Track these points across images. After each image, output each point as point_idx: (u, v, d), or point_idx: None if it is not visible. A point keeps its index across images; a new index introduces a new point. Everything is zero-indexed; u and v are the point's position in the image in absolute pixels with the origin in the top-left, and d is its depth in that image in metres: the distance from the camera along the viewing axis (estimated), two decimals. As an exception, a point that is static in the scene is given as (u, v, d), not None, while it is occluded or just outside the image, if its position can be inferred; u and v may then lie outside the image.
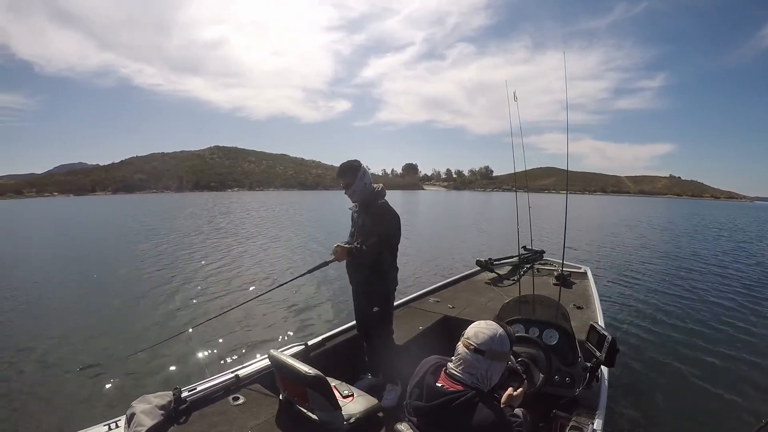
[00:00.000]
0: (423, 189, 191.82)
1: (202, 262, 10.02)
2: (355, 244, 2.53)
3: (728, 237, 17.86)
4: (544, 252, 5.67)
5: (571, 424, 1.97)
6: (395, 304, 3.01)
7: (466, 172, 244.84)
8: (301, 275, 2.82)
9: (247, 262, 10.20)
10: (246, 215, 27.22)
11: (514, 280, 4.69)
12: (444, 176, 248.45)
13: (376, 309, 2.60)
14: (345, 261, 2.62)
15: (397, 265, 2.67)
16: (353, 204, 2.67)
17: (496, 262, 5.28)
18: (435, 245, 13.33)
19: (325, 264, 2.57)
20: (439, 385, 1.43)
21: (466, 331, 1.50)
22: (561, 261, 4.08)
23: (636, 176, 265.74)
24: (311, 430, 1.87)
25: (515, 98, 3.01)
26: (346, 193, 2.57)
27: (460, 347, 1.47)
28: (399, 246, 2.63)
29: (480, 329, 1.47)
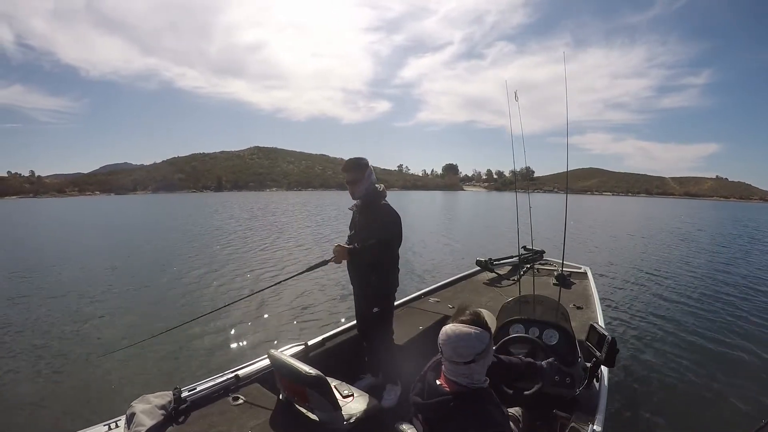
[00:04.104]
0: (463, 189, 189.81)
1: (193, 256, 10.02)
2: (355, 244, 2.52)
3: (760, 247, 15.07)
4: (544, 252, 5.67)
5: (571, 424, 1.97)
6: (395, 303, 3.01)
7: (506, 173, 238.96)
8: (299, 273, 2.80)
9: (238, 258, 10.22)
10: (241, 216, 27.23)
11: (514, 280, 4.69)
12: (484, 177, 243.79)
13: (375, 309, 2.60)
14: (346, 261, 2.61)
15: (399, 266, 2.66)
16: (353, 203, 2.67)
17: (496, 262, 5.29)
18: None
19: (324, 263, 2.55)
20: (438, 383, 1.43)
21: (443, 349, 1.39)
22: (561, 261, 4.08)
23: (681, 177, 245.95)
24: (311, 430, 1.87)
25: (516, 98, 3.02)
26: (350, 189, 2.55)
27: (446, 362, 1.40)
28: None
29: (457, 345, 1.36)
